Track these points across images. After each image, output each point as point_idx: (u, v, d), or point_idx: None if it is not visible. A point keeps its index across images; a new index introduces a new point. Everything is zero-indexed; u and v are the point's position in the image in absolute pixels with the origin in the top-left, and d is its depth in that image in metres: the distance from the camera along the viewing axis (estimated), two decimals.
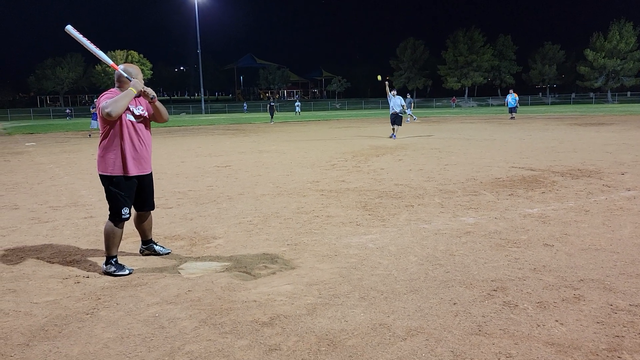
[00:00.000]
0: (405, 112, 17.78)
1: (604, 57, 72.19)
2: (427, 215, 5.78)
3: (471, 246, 4.50)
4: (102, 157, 3.99)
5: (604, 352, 2.60)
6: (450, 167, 9.70)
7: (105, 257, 4.09)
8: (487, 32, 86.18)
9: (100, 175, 4.04)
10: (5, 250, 4.77)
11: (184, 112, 72.89)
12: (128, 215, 4.08)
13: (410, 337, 2.83)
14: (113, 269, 4.01)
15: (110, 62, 4.18)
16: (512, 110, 29.91)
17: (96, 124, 22.24)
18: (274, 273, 3.98)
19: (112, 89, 4.10)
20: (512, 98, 29.81)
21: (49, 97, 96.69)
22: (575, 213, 5.66)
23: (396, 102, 17.90)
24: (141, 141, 4.07)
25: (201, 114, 68.45)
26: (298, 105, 52.92)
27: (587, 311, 3.10)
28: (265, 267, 4.13)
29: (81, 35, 4.13)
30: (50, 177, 9.94)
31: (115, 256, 4.07)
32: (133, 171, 4.03)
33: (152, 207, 4.37)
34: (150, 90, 3.97)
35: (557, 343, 2.72)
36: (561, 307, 3.18)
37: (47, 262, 4.39)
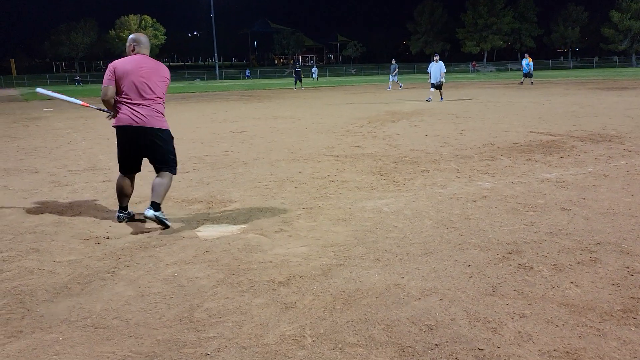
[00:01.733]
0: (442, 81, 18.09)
1: (629, 19, 69.66)
2: (442, 180, 5.76)
3: (487, 210, 4.49)
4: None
5: (619, 313, 2.61)
6: (467, 133, 9.58)
7: (156, 205, 4.21)
8: None
9: (168, 131, 4.34)
10: (27, 212, 4.89)
11: (198, 78, 72.67)
12: None
13: (424, 297, 2.87)
14: (163, 216, 4.21)
15: (80, 102, 4.70)
16: (526, 75, 28.92)
17: None
18: (290, 235, 4.02)
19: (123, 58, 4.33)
20: (525, 63, 28.78)
21: (65, 63, 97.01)
22: (594, 177, 5.59)
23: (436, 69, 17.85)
24: None
25: (215, 80, 68.19)
26: (315, 71, 52.25)
27: (602, 273, 3.10)
28: (281, 229, 4.17)
29: (52, 92, 4.78)
30: (68, 141, 10.06)
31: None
32: None
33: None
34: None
35: (571, 304, 2.73)
36: (577, 269, 3.18)
37: (68, 223, 4.49)
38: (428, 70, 18.36)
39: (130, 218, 4.54)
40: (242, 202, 5.10)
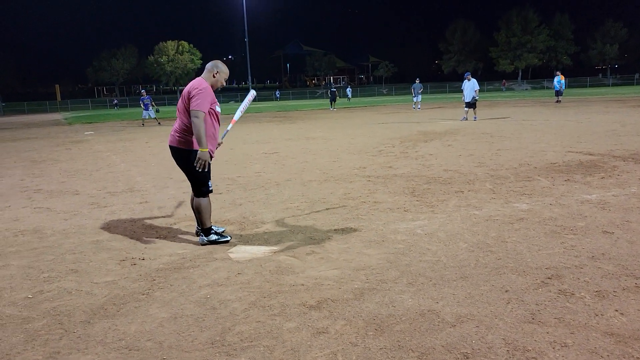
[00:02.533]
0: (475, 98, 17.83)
1: None
2: (477, 201, 5.64)
3: (524, 233, 4.36)
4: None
5: None
6: (502, 152, 9.40)
7: (204, 230, 4.43)
8: (543, 11, 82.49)
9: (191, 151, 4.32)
10: (67, 233, 5.03)
11: (232, 100, 74.14)
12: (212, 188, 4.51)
13: (459, 324, 2.78)
14: (215, 237, 4.41)
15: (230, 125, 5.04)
16: (558, 93, 28.49)
17: (147, 113, 22.94)
18: (322, 258, 4.00)
19: (202, 82, 4.31)
20: (557, 81, 28.34)
21: (106, 88, 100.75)
22: (638, 199, 5.37)
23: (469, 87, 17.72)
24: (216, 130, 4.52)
25: None
26: (349, 92, 52.79)
27: None
28: (313, 252, 4.16)
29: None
30: (107, 164, 10.38)
31: (212, 226, 4.50)
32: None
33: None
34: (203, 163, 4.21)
35: (616, 333, 2.60)
36: (621, 296, 3.03)
37: (105, 244, 4.60)
38: (462, 88, 18.30)
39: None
40: (273, 223, 5.12)
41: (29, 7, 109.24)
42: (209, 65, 4.46)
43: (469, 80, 17.88)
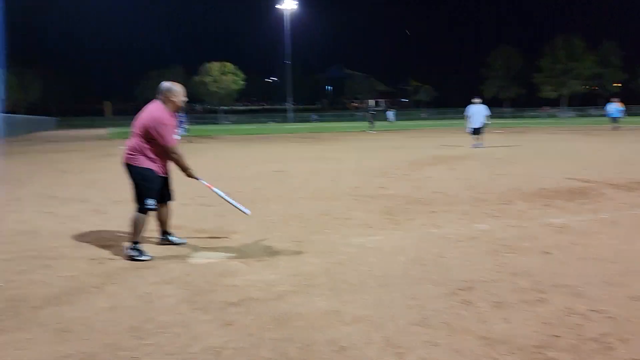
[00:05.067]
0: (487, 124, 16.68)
1: None
2: (443, 221, 5.84)
3: (465, 250, 4.56)
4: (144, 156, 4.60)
5: (530, 348, 2.66)
6: (500, 177, 9.49)
7: (129, 243, 4.67)
8: (590, 38, 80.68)
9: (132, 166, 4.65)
10: (58, 234, 5.56)
11: (271, 120, 75.85)
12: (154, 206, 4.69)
13: (354, 323, 3.05)
14: (135, 253, 4.58)
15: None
16: (614, 120, 28.19)
17: (181, 131, 23.97)
18: (268, 265, 4.33)
19: (163, 112, 4.60)
20: (615, 108, 28.14)
21: None
22: (601, 225, 5.44)
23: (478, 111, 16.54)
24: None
25: (287, 122, 70.79)
26: (390, 115, 53.42)
27: (540, 312, 3.13)
28: (264, 259, 4.50)
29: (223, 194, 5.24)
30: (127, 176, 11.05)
31: (138, 242, 4.64)
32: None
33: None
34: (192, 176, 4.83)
35: (489, 337, 2.81)
36: (517, 307, 3.22)
37: (86, 245, 5.08)
38: (466, 114, 17.10)
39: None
40: (244, 234, 5.49)
41: (83, 29, 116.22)
42: (166, 91, 4.62)
43: (477, 104, 16.77)
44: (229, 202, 5.20)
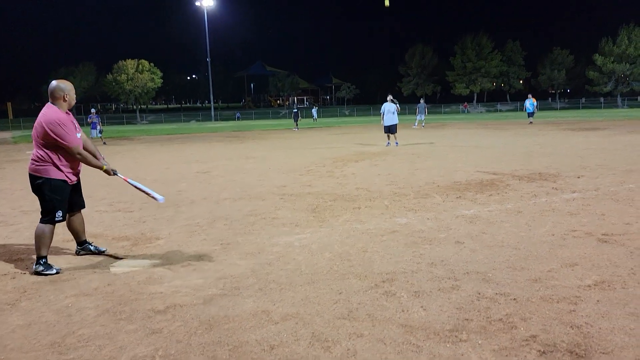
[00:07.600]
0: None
1: (612, 62, 71.59)
2: (367, 216, 6.07)
3: (387, 244, 4.79)
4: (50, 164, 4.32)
5: (446, 332, 2.88)
6: (418, 172, 9.96)
7: (37, 258, 4.39)
8: (496, 37, 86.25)
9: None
10: None
11: (193, 119, 73.98)
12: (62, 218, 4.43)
13: (282, 321, 3.13)
14: (41, 268, 4.30)
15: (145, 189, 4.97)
16: (530, 115, 30.28)
17: (95, 132, 22.85)
18: (194, 269, 4.30)
19: (59, 113, 4.31)
20: (529, 103, 30.24)
21: None
22: (506, 214, 5.91)
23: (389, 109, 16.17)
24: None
25: (210, 121, 69.36)
26: (314, 112, 54.00)
27: (454, 298, 3.38)
28: (189, 264, 4.45)
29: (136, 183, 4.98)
30: None
31: (45, 256, 4.38)
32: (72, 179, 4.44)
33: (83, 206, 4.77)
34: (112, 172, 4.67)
35: (409, 325, 3.00)
36: (434, 295, 3.46)
37: None
38: (381, 111, 16.75)
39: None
40: (167, 239, 5.39)
41: None
42: (54, 92, 4.37)
43: (389, 102, 16.46)
44: (141, 189, 4.92)
